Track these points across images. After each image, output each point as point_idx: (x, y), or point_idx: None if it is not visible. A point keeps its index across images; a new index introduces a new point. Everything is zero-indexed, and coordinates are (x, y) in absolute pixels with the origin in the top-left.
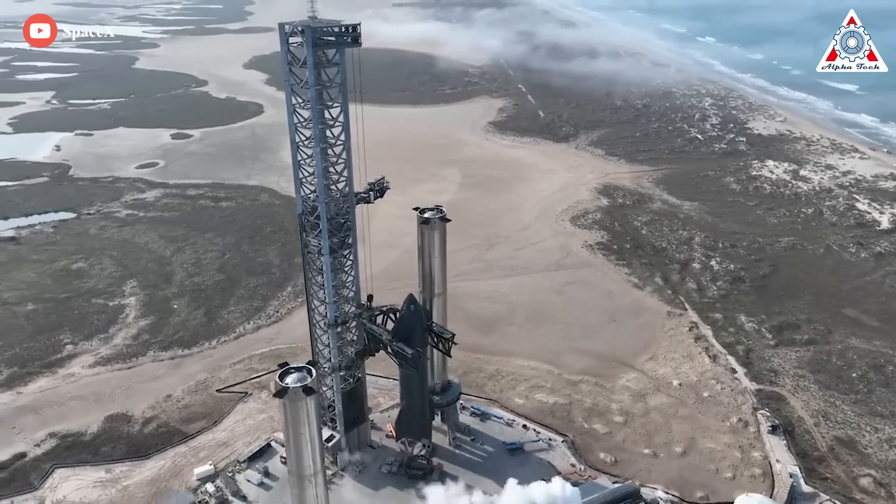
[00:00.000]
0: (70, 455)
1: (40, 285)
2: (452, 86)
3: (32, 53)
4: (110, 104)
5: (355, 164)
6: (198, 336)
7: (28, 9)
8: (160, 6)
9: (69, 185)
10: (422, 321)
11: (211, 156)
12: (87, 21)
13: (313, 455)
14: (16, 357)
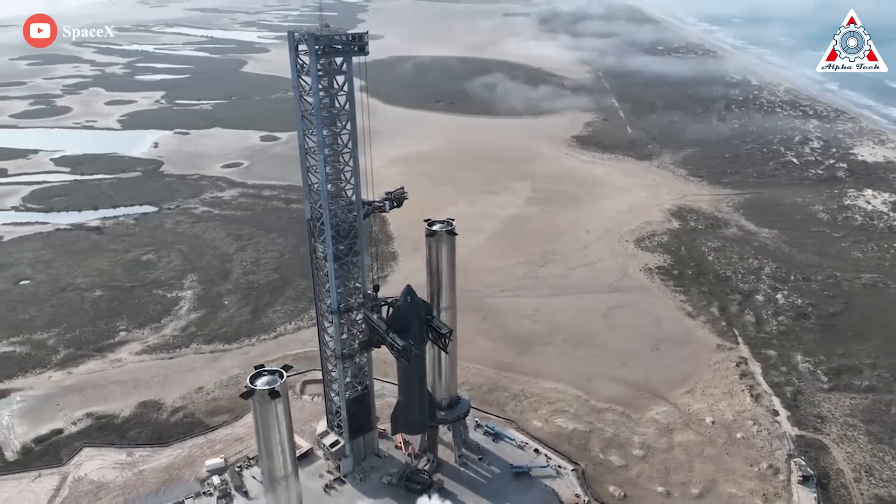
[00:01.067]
0: (100, 436)
1: (111, 273)
2: (544, 98)
3: (154, 55)
4: (212, 105)
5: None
6: (240, 332)
7: (160, 14)
8: (278, 13)
9: (158, 180)
10: (419, 314)
11: (293, 158)
12: (210, 26)
13: (284, 458)
14: (75, 339)
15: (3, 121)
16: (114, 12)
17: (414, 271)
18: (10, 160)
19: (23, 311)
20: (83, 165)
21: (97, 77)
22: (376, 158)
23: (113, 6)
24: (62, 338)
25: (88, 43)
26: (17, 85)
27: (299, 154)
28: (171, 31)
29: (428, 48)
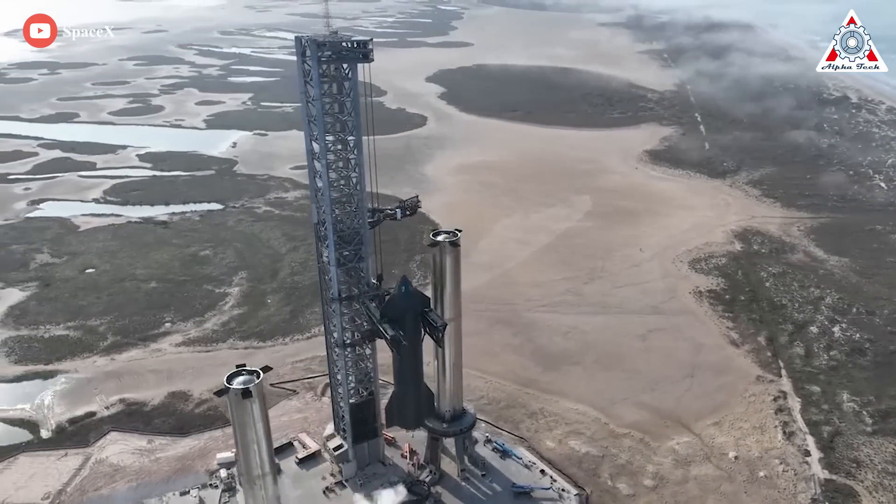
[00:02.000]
0: (128, 421)
1: (168, 266)
2: (623, 110)
3: (250, 58)
4: (293, 108)
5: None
6: (276, 331)
7: (264, 19)
8: (375, 19)
9: (229, 179)
10: (415, 306)
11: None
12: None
13: (260, 457)
14: (123, 327)
15: (102, 117)
16: (220, 16)
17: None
18: (100, 155)
19: (83, 297)
20: (164, 162)
21: (193, 78)
22: (441, 166)
23: (222, 10)
24: (112, 325)
25: (192, 45)
26: (121, 84)
27: (306, 158)
28: (270, 34)
29: (514, 57)
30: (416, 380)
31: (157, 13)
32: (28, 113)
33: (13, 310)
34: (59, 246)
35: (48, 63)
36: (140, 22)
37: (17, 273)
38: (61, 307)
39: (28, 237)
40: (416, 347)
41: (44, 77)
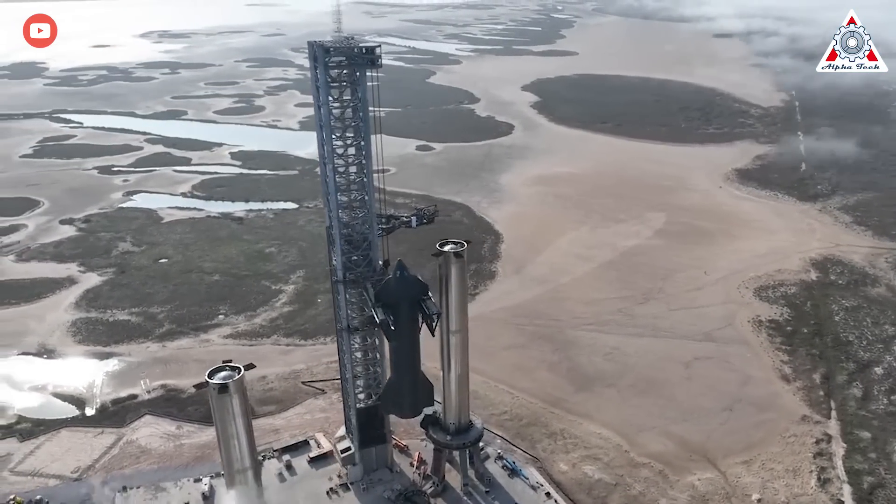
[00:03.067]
0: (164, 406)
1: (234, 261)
2: (719, 126)
3: None
4: (386, 113)
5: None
6: (318, 331)
7: (378, 24)
8: (485, 27)
9: (309, 180)
10: (411, 292)
11: (438, 169)
12: (416, 36)
13: (241, 452)
14: (180, 316)
15: (207, 116)
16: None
17: (506, 293)
18: (197, 151)
19: (151, 286)
20: (253, 160)
21: (298, 80)
22: (518, 176)
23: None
24: (171, 314)
25: (303, 49)
26: (230, 84)
27: (319, 163)
28: (381, 40)
29: (618, 67)
30: (413, 368)
31: (280, 17)
32: (143, 109)
33: (88, 293)
34: (142, 236)
35: (171, 63)
36: (261, 26)
37: (99, 259)
38: (130, 293)
39: (116, 226)
40: (413, 335)
41: (164, 76)
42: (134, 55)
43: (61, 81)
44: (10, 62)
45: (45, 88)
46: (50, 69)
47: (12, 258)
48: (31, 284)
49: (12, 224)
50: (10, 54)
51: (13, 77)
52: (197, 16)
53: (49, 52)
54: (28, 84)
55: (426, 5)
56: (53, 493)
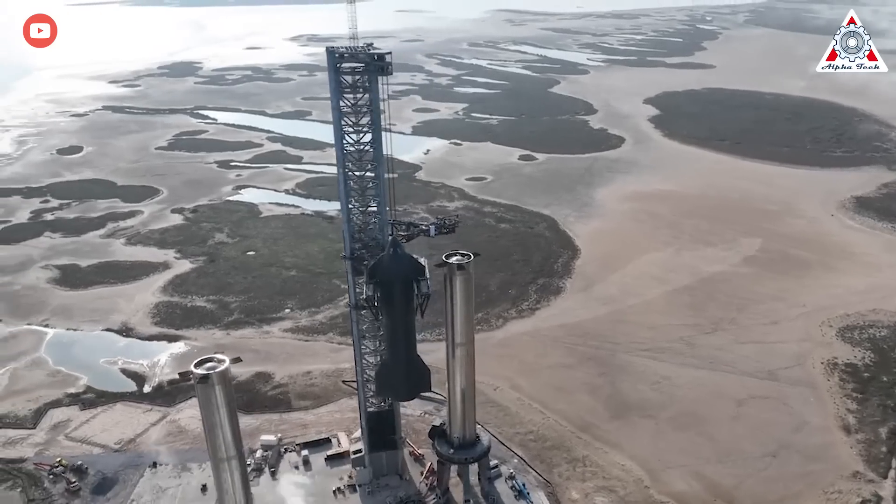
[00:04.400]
0: None
1: (314, 258)
2: (849, 149)
3: (483, 70)
4: (499, 121)
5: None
6: None
7: (517, 32)
8: (623, 36)
9: (406, 184)
10: (404, 271)
11: (534, 180)
12: (551, 45)
13: (225, 440)
14: (250, 307)
15: (329, 117)
16: (477, 28)
17: (567, 310)
18: (310, 150)
19: (233, 276)
20: None
21: (423, 86)
22: (614, 191)
23: (482, 23)
24: (243, 304)
25: (437, 55)
26: None
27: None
28: (514, 48)
29: (756, 82)
30: (407, 351)
31: (424, 24)
32: (273, 109)
33: (176, 278)
34: (238, 228)
35: (310, 66)
36: (403, 31)
37: (194, 247)
38: (212, 282)
39: (218, 217)
40: (407, 315)
41: (301, 78)
42: (279, 57)
43: (210, 80)
44: (173, 61)
45: (195, 86)
46: (204, 69)
47: (123, 241)
48: (130, 266)
49: (132, 210)
50: (176, 54)
51: (171, 75)
52: (346, 22)
53: (207, 52)
54: (182, 82)
55: (569, 14)
56: (93, 461)
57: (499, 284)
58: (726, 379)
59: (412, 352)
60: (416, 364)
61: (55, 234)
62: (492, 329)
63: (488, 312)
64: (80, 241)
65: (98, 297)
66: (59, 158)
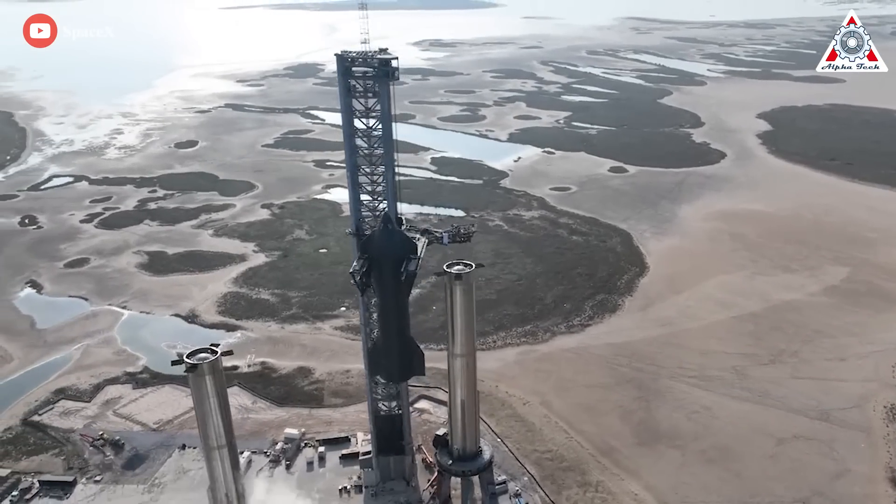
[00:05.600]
0: (253, 381)
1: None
2: None
3: (595, 78)
4: (598, 131)
5: None
6: (422, 336)
7: (641, 41)
8: (752, 47)
9: (489, 190)
10: (395, 249)
11: (619, 193)
12: (671, 55)
13: (216, 429)
14: (309, 303)
15: (430, 121)
16: (600, 36)
17: (619, 329)
18: (404, 154)
19: (301, 272)
20: (447, 167)
21: (531, 93)
22: (699, 209)
23: (608, 30)
24: (303, 300)
25: (552, 62)
26: (467, 93)
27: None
28: (633, 57)
29: (887, 100)
30: (400, 331)
31: (548, 30)
32: None
33: (249, 271)
34: (317, 226)
35: (425, 70)
36: (524, 38)
37: (273, 242)
38: (280, 276)
39: (302, 214)
40: (398, 294)
41: (414, 82)
42: (399, 61)
43: (327, 82)
44: (299, 63)
45: (313, 87)
46: (325, 71)
47: (210, 232)
48: (211, 257)
49: (226, 203)
50: (304, 56)
51: (295, 76)
52: (473, 27)
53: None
54: (302, 83)
55: (699, 23)
56: (131, 437)
57: (555, 298)
58: (772, 415)
59: (405, 333)
60: (409, 345)
61: (153, 223)
62: (537, 343)
63: (537, 325)
64: (173, 230)
65: (175, 284)
66: (174, 152)
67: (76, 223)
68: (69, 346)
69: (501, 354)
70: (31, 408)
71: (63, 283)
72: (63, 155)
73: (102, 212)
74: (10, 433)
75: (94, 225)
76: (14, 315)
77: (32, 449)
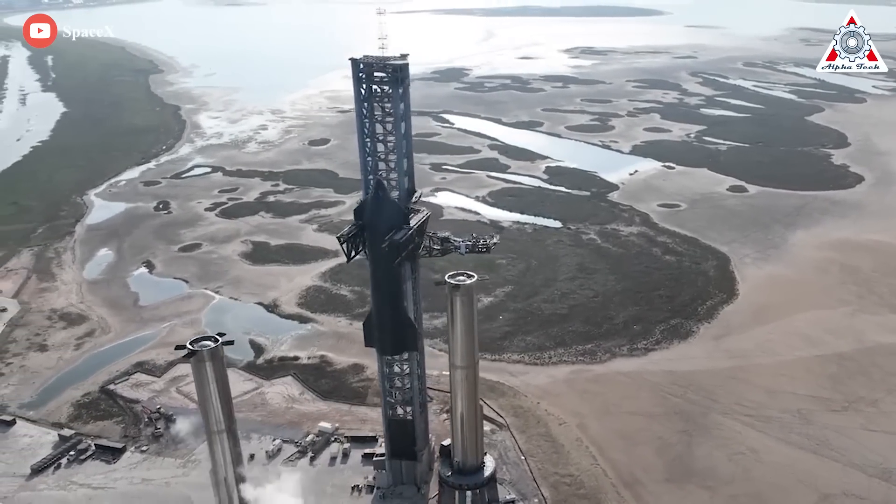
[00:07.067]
0: (308, 373)
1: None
2: None
3: (742, 92)
4: (728, 147)
5: None
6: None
7: (808, 53)
8: None
9: (593, 203)
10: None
11: (731, 213)
12: None
13: (216, 415)
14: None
15: (556, 129)
16: (763, 48)
17: (684, 357)
18: (520, 161)
19: None
20: (559, 177)
21: (668, 105)
22: (815, 237)
23: (774, 41)
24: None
25: (702, 73)
26: (602, 103)
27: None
28: (792, 70)
29: None
30: (391, 302)
31: (708, 40)
32: (509, 118)
33: (337, 266)
34: None
35: (567, 78)
36: (681, 48)
37: None
38: (363, 273)
39: None
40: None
41: (553, 89)
42: (544, 68)
43: (468, 87)
44: (447, 67)
45: (453, 91)
46: (470, 75)
47: (314, 227)
48: (307, 251)
49: (337, 200)
50: (454, 60)
51: (439, 80)
52: (631, 35)
53: (481, 60)
54: (444, 87)
55: (882, 35)
56: (184, 414)
57: (627, 318)
58: (824, 466)
59: (397, 305)
60: (401, 319)
61: (266, 215)
62: (593, 363)
63: (599, 345)
64: (282, 222)
65: (267, 274)
66: (307, 149)
67: (201, 211)
68: (160, 323)
69: (553, 371)
70: (111, 377)
71: (172, 266)
72: (209, 147)
73: (226, 202)
74: (87, 398)
75: (216, 214)
76: (124, 291)
77: (100, 414)
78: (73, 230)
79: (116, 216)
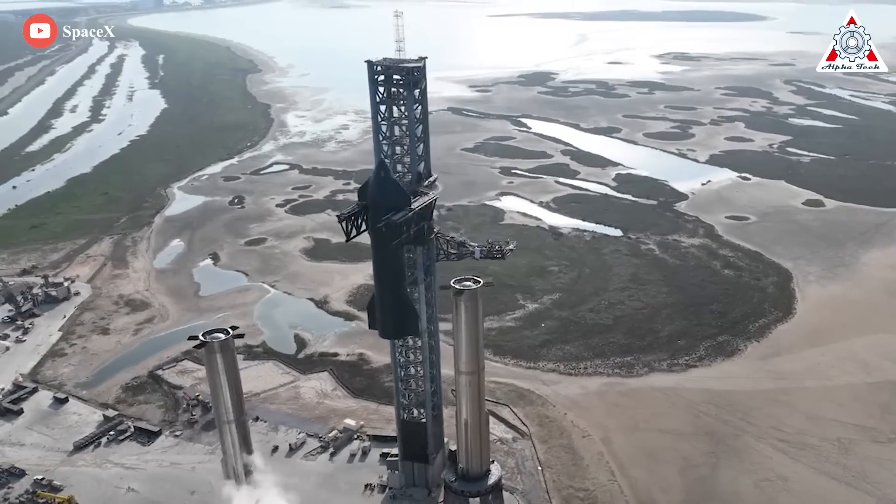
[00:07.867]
0: (343, 369)
1: (514, 270)
2: None
3: (838, 102)
4: (812, 159)
5: None
6: (518, 352)
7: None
8: None
9: (658, 213)
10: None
11: (803, 229)
12: None
13: (226, 405)
14: None
15: (634, 136)
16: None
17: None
18: (590, 167)
19: None
20: (627, 185)
21: (756, 114)
22: (892, 256)
23: (883, 50)
24: None
25: (797, 81)
26: (687, 109)
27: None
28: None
29: None
30: (393, 285)
31: (810, 47)
32: (588, 123)
33: None
34: (473, 231)
35: (654, 84)
36: (780, 54)
37: None
38: None
39: (464, 218)
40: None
41: (638, 95)
42: (631, 73)
43: (551, 91)
44: (534, 71)
45: (536, 95)
46: (555, 80)
47: None
48: (364, 248)
49: None
50: (542, 64)
51: (524, 84)
52: (729, 40)
53: (569, 64)
54: (527, 91)
55: None
56: None
57: (672, 332)
58: (857, 499)
59: (399, 288)
60: (404, 303)
61: (333, 213)
62: (629, 376)
63: (638, 358)
64: None
65: (323, 271)
66: None
67: (272, 207)
68: (215, 314)
69: (586, 382)
70: (161, 363)
71: (236, 258)
72: (291, 145)
73: (297, 199)
74: (136, 381)
75: (285, 210)
76: (187, 281)
77: (145, 398)
78: (152, 221)
79: (193, 209)
